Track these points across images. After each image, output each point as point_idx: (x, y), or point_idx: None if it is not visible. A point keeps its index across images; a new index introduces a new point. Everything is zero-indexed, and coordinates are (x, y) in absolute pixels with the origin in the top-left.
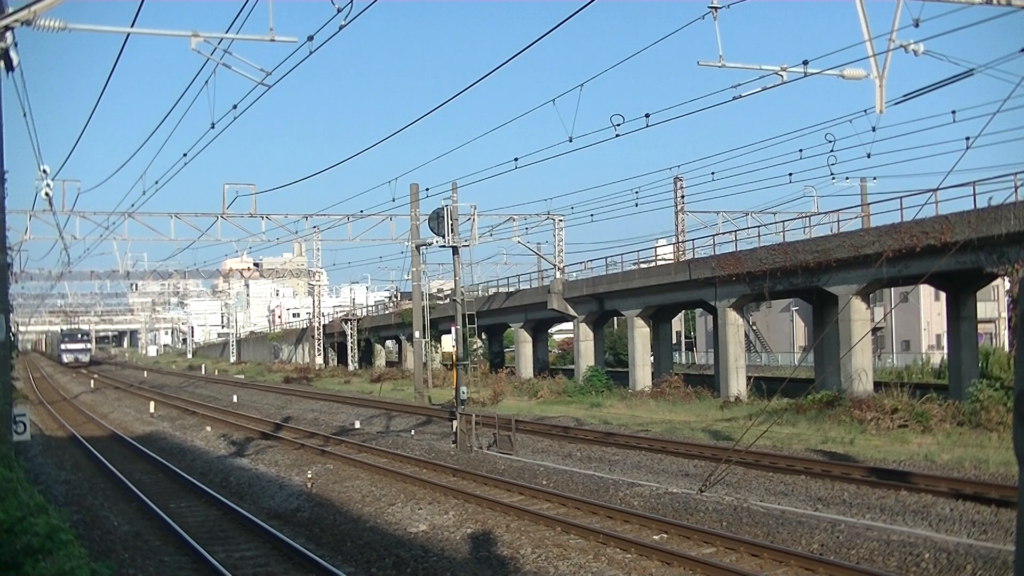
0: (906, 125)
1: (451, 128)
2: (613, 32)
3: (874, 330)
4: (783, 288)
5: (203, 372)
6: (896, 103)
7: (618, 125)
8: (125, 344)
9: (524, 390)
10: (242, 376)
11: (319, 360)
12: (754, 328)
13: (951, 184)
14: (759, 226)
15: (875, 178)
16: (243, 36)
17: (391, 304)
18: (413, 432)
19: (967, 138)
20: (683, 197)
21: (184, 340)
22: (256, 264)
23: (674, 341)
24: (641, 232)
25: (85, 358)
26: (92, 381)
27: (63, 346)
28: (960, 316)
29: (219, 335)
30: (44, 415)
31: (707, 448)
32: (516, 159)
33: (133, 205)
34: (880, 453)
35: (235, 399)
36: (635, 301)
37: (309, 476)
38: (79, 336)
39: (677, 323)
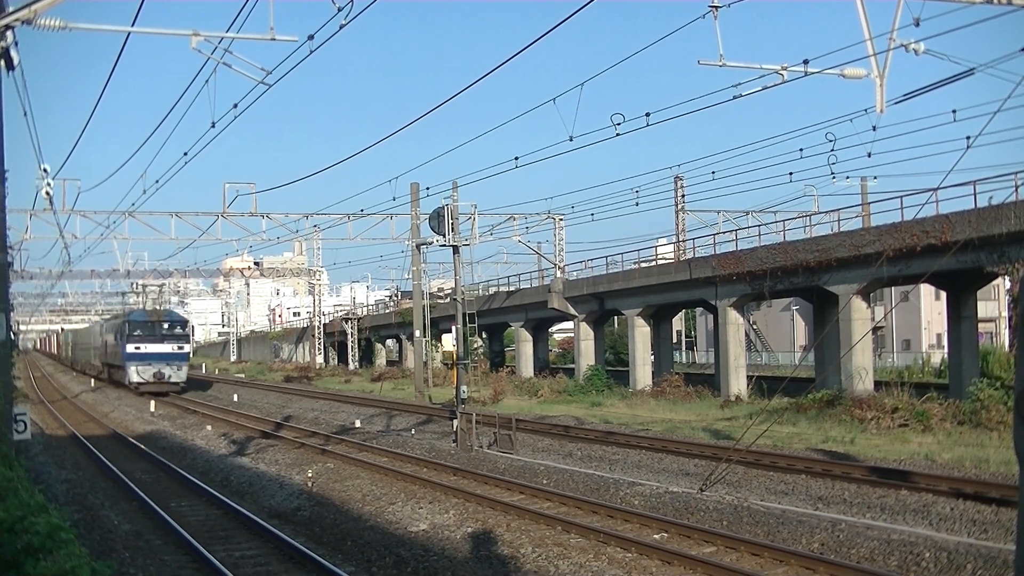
0: (907, 124)
1: (452, 127)
2: (613, 31)
3: (874, 329)
4: (783, 287)
5: (203, 371)
6: (897, 102)
7: (618, 124)
8: None
9: (524, 389)
10: (242, 375)
11: (319, 359)
12: (754, 327)
13: (952, 183)
14: (759, 225)
15: (875, 177)
16: (243, 35)
17: (391, 303)
18: (413, 431)
19: (968, 137)
20: (683, 196)
21: None
22: (256, 263)
23: (674, 340)
24: (641, 231)
25: (177, 375)
26: (93, 380)
27: (132, 348)
28: (960, 315)
29: (219, 334)
30: (44, 414)
31: (707, 447)
32: (517, 158)
33: (134, 204)
34: (880, 452)
35: (235, 398)
36: (635, 300)
37: (309, 475)
38: (166, 328)
39: (677, 322)
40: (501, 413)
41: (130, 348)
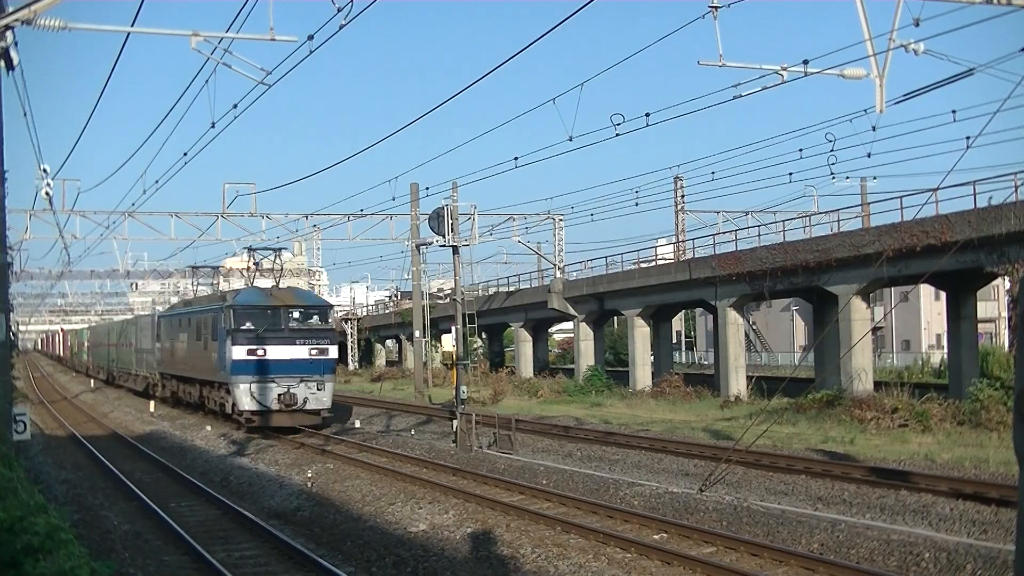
0: (906, 124)
1: (451, 127)
2: (613, 31)
3: (874, 330)
4: (783, 287)
5: None
6: (896, 102)
7: (618, 124)
8: None
9: (524, 389)
10: None
11: None
12: (754, 327)
13: (951, 184)
14: (759, 225)
15: (875, 177)
16: (243, 35)
17: (391, 303)
18: (413, 431)
19: (967, 137)
20: (683, 196)
21: None
22: (256, 263)
23: (674, 340)
24: (641, 231)
25: (317, 398)
26: (92, 380)
27: (242, 353)
28: (960, 315)
29: None
30: (44, 414)
31: (707, 447)
32: (516, 158)
33: (133, 204)
34: (880, 452)
35: None
36: (635, 300)
37: (309, 475)
38: (297, 318)
39: (677, 322)
40: (501, 413)
41: (238, 353)
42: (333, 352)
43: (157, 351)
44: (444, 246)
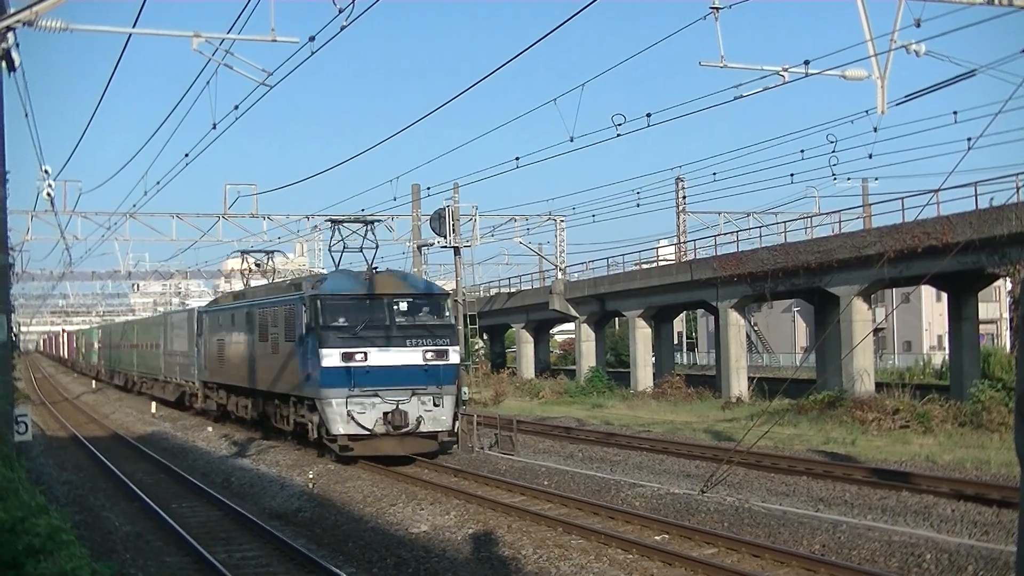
0: (908, 126)
1: (452, 128)
2: (614, 32)
3: (875, 331)
4: (784, 289)
5: None
6: (898, 103)
7: (619, 125)
8: None
9: (526, 390)
10: None
11: None
12: (755, 329)
13: (953, 185)
14: (760, 227)
15: (877, 178)
16: (245, 36)
17: None
18: None
19: (969, 139)
20: (684, 197)
21: None
22: (258, 264)
23: (675, 341)
24: (643, 232)
25: (435, 417)
26: (94, 382)
27: (335, 359)
28: (961, 317)
29: None
30: (46, 415)
31: (708, 449)
32: (517, 159)
33: (135, 205)
34: (881, 454)
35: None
36: (636, 302)
37: (311, 476)
38: (404, 311)
39: (679, 324)
40: (502, 414)
41: (329, 359)
42: (455, 356)
43: (197, 354)
44: (445, 247)
